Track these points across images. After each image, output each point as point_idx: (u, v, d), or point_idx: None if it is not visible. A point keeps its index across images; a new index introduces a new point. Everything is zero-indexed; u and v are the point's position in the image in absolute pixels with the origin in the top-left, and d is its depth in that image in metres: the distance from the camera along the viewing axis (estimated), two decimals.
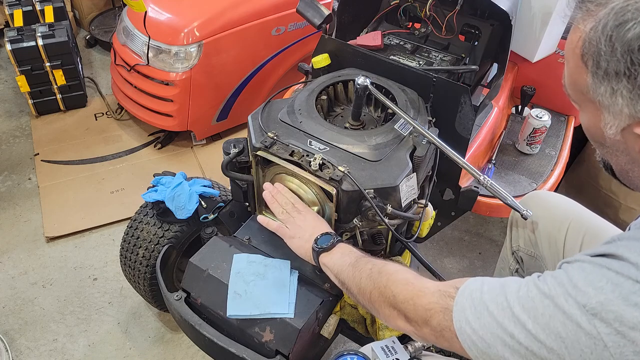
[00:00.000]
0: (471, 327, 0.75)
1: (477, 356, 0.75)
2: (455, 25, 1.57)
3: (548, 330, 0.67)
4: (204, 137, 2.55)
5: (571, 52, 0.72)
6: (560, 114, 2.05)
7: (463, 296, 0.78)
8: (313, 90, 1.38)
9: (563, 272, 0.70)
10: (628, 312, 0.61)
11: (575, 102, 0.78)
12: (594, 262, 0.68)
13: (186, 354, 1.75)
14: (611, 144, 0.74)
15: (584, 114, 0.76)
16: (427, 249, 2.10)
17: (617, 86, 0.66)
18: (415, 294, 0.87)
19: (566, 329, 0.65)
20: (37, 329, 1.82)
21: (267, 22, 2.35)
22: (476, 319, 0.74)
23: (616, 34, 0.64)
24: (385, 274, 0.95)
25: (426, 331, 0.84)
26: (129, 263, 1.61)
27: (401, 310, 0.89)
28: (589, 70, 0.69)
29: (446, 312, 0.79)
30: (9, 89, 2.97)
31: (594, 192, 2.12)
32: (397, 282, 0.92)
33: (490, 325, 0.72)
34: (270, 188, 1.25)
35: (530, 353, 0.68)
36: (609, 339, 0.62)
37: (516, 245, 1.37)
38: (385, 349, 1.04)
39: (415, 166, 1.22)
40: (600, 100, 0.69)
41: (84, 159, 2.48)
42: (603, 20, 0.66)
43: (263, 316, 1.18)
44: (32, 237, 2.13)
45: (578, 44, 0.70)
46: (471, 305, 0.76)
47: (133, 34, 2.33)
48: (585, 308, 0.64)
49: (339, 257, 1.09)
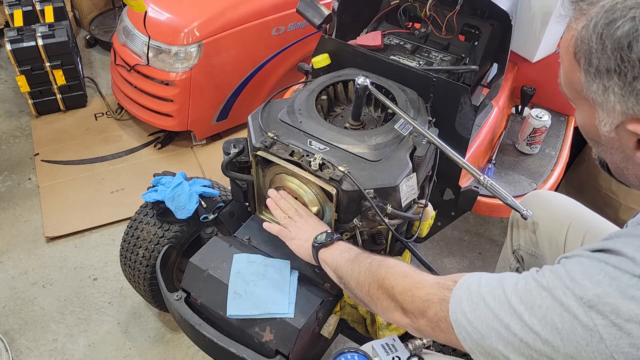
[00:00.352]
0: (467, 318, 0.75)
1: (472, 348, 0.75)
2: (455, 25, 1.57)
3: (544, 321, 0.67)
4: (204, 137, 2.55)
5: (565, 51, 0.73)
6: (560, 114, 2.05)
7: (461, 289, 0.79)
8: (313, 90, 1.38)
9: (561, 267, 0.71)
10: (624, 304, 0.62)
11: (571, 101, 0.79)
12: (592, 257, 0.69)
13: (186, 354, 1.75)
14: (606, 141, 0.74)
15: (579, 112, 0.77)
16: (427, 249, 2.10)
17: (609, 83, 0.67)
18: (413, 286, 0.88)
19: (563, 320, 0.66)
20: (37, 329, 1.82)
21: (267, 22, 2.35)
22: (472, 310, 0.75)
23: (606, 32, 0.65)
24: (385, 267, 0.96)
25: (422, 322, 0.85)
26: (129, 263, 1.61)
27: (399, 301, 0.89)
28: (581, 68, 0.70)
29: (443, 303, 0.80)
30: (9, 89, 2.97)
31: (594, 192, 2.12)
32: (396, 274, 0.93)
33: (485, 316, 0.73)
34: (274, 194, 1.27)
35: (524, 345, 0.69)
36: (605, 331, 0.63)
37: (517, 244, 1.38)
38: (385, 347, 1.04)
39: (415, 166, 1.22)
40: (594, 98, 0.70)
41: (84, 159, 2.48)
42: (594, 18, 0.67)
43: (263, 316, 1.18)
44: (32, 237, 2.13)
45: (571, 43, 0.71)
46: (468, 297, 0.77)
47: (133, 34, 2.33)
48: (582, 300, 0.65)
49: (338, 253, 1.10)
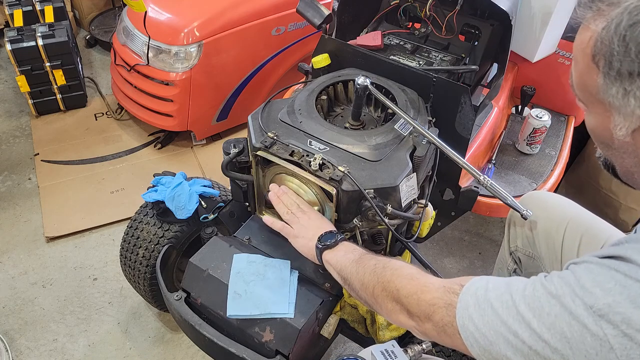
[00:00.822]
0: (474, 324, 0.74)
1: (479, 354, 0.75)
2: (455, 25, 1.57)
3: (553, 330, 0.66)
4: (204, 137, 2.55)
5: (581, 52, 0.70)
6: (560, 114, 2.05)
7: (468, 293, 0.78)
8: (313, 90, 1.38)
9: (570, 273, 0.70)
10: (636, 314, 0.61)
11: (582, 103, 0.76)
12: (601, 264, 0.68)
13: (186, 354, 1.75)
14: (619, 145, 0.73)
15: (591, 115, 0.75)
16: (427, 249, 2.10)
17: (630, 87, 0.65)
18: (419, 289, 0.86)
19: (572, 329, 0.65)
20: (37, 329, 1.82)
21: (267, 22, 2.35)
22: (479, 316, 0.74)
23: (630, 34, 0.63)
24: (390, 269, 0.95)
25: (428, 326, 0.84)
26: (129, 263, 1.61)
27: (404, 304, 0.88)
28: (600, 71, 0.68)
29: (449, 307, 0.79)
30: (9, 89, 2.97)
31: (594, 192, 2.12)
32: (401, 276, 0.91)
33: (493, 322, 0.72)
34: (276, 189, 1.26)
35: (533, 352, 0.68)
36: (615, 341, 0.62)
37: (514, 245, 1.38)
38: (384, 353, 1.03)
39: (415, 166, 1.22)
40: (611, 102, 0.68)
41: (84, 159, 2.48)
42: (616, 19, 0.64)
43: (263, 316, 1.18)
44: (32, 237, 2.13)
45: (589, 44, 0.68)
46: (475, 302, 0.76)
47: (133, 34, 2.33)
48: (592, 309, 0.64)
49: (342, 254, 1.09)
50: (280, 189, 1.26)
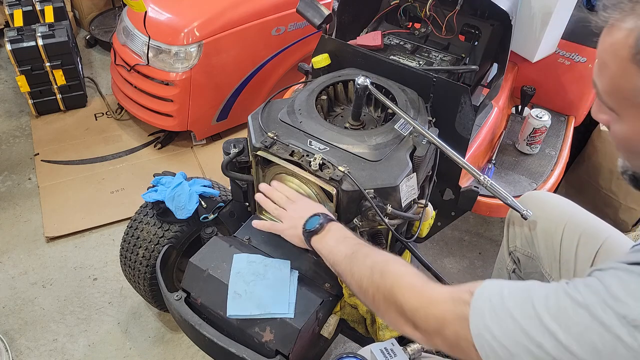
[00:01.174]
0: (491, 333, 0.70)
1: None
2: (455, 25, 1.57)
3: (582, 341, 0.63)
4: (204, 137, 2.55)
5: (612, 55, 0.65)
6: (560, 114, 2.05)
7: (481, 300, 0.73)
8: (313, 90, 1.38)
9: (597, 281, 0.66)
10: None
11: (611, 110, 0.70)
12: (630, 271, 0.64)
13: (186, 354, 1.75)
14: None
15: (624, 123, 0.69)
16: (427, 249, 2.10)
17: None
18: (425, 304, 0.81)
19: (603, 340, 0.61)
20: (37, 329, 1.82)
21: (267, 22, 2.35)
22: (498, 325, 0.69)
23: None
24: (389, 277, 0.89)
25: (438, 341, 0.79)
26: (129, 263, 1.61)
27: (409, 318, 0.83)
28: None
29: (462, 320, 0.74)
30: (9, 89, 2.97)
31: (594, 192, 2.12)
32: (403, 287, 0.86)
33: (514, 333, 0.68)
34: (265, 188, 1.24)
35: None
36: None
37: (513, 245, 1.37)
38: (384, 352, 1.03)
39: (415, 166, 1.22)
40: None
41: (84, 159, 2.48)
42: None
43: (263, 316, 1.18)
44: (32, 237, 2.13)
45: (626, 43, 0.62)
46: (491, 310, 0.71)
47: (133, 34, 2.33)
48: (625, 319, 0.61)
49: (333, 243, 1.05)
50: (270, 187, 1.24)
